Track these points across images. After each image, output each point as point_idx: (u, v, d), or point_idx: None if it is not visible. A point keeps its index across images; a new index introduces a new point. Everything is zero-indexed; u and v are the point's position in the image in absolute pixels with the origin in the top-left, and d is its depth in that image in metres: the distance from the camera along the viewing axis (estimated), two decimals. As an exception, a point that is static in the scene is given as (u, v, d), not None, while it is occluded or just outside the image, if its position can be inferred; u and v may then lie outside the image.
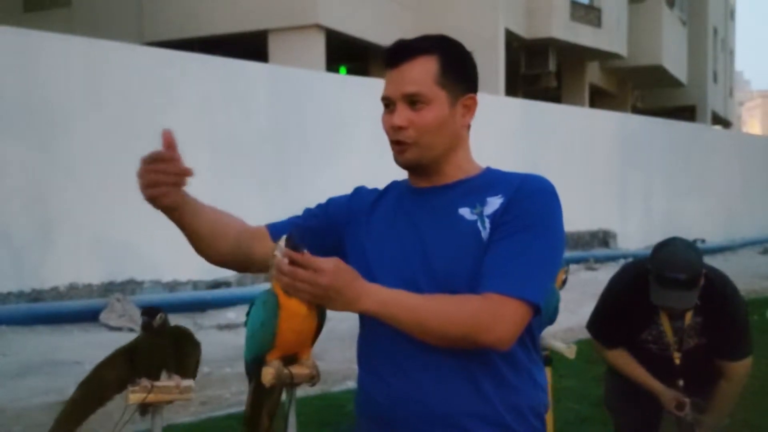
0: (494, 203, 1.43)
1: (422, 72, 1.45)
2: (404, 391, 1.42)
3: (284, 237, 1.37)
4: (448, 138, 1.48)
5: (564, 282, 2.61)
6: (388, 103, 1.47)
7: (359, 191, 1.65)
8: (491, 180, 1.49)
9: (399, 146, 1.47)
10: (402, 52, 1.46)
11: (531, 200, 1.42)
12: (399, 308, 1.34)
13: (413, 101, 1.45)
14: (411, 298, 1.35)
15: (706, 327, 2.60)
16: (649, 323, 2.62)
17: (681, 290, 2.42)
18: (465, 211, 1.45)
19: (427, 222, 1.47)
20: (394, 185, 1.63)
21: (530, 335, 1.46)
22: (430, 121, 1.45)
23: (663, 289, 2.43)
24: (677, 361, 2.66)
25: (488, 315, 1.34)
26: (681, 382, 2.69)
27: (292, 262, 1.31)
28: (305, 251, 1.32)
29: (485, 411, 1.40)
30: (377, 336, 1.46)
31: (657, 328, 2.63)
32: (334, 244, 1.56)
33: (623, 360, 2.73)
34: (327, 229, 1.59)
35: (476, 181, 1.50)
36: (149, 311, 1.61)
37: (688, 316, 2.59)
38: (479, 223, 1.42)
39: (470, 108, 1.51)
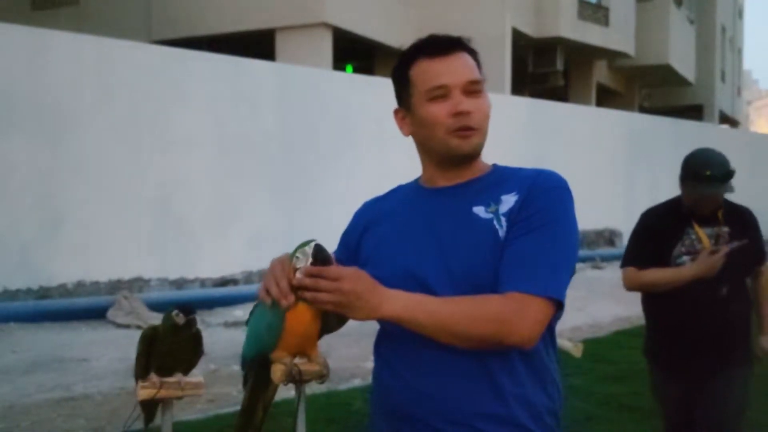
0: (509, 201, 1.43)
1: (472, 63, 1.48)
2: (421, 389, 1.42)
3: (312, 246, 1.39)
4: (488, 129, 1.51)
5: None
6: (443, 93, 1.44)
7: (359, 211, 1.66)
8: (502, 177, 1.49)
9: (466, 132, 1.44)
10: (451, 42, 1.48)
11: (546, 197, 1.42)
12: (422, 312, 1.34)
13: (474, 89, 1.46)
14: (433, 302, 1.35)
15: (735, 234, 2.90)
16: (681, 235, 2.88)
17: (717, 184, 2.81)
18: (479, 210, 1.44)
19: (444, 222, 1.46)
20: (399, 189, 1.63)
21: (549, 331, 1.46)
22: (488, 107, 1.49)
23: (700, 184, 2.82)
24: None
25: (512, 315, 1.33)
26: (724, 276, 2.83)
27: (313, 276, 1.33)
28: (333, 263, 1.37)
29: (501, 410, 1.40)
30: (396, 332, 1.46)
31: (689, 237, 2.88)
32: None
33: (655, 272, 2.90)
34: (353, 258, 1.59)
35: (488, 178, 1.50)
36: (184, 309, 1.63)
37: (720, 218, 2.90)
38: (495, 222, 1.42)
39: None
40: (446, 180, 1.51)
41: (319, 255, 1.37)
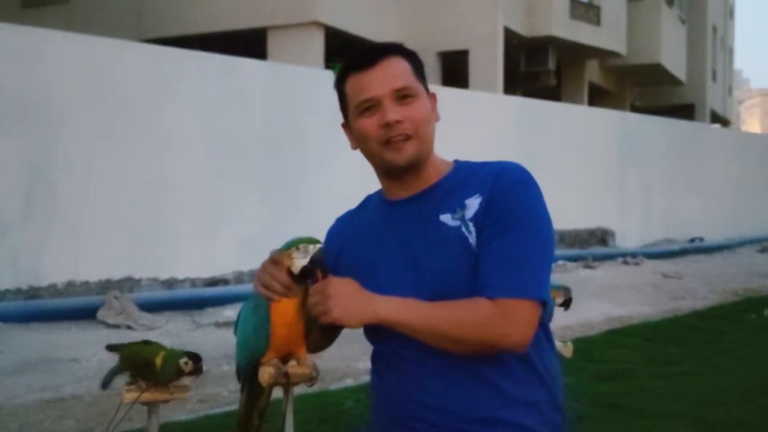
0: (474, 205, 1.41)
1: (401, 67, 1.45)
2: (421, 400, 1.41)
3: (316, 248, 1.41)
4: (432, 132, 1.48)
5: (569, 303, 2.57)
6: (371, 105, 1.43)
7: (332, 231, 1.63)
8: (465, 177, 1.46)
9: (397, 143, 1.41)
10: (373, 52, 1.45)
11: (511, 195, 1.40)
12: (414, 316, 1.34)
13: (403, 95, 1.42)
14: (425, 306, 1.35)
15: None
16: None
17: None
18: (446, 218, 1.42)
19: (414, 237, 1.44)
20: (368, 200, 1.61)
21: (542, 327, 1.46)
22: (423, 112, 1.44)
23: None
24: None
25: (503, 320, 1.33)
26: None
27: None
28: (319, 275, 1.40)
29: (503, 414, 1.39)
30: (390, 352, 1.46)
31: None
32: None
33: None
34: None
35: (451, 180, 1.47)
36: (194, 358, 1.63)
37: None
38: (464, 229, 1.40)
39: (435, 105, 1.51)
40: (406, 189, 1.48)
41: (316, 258, 1.40)
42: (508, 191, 1.40)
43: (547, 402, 1.44)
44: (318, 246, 1.41)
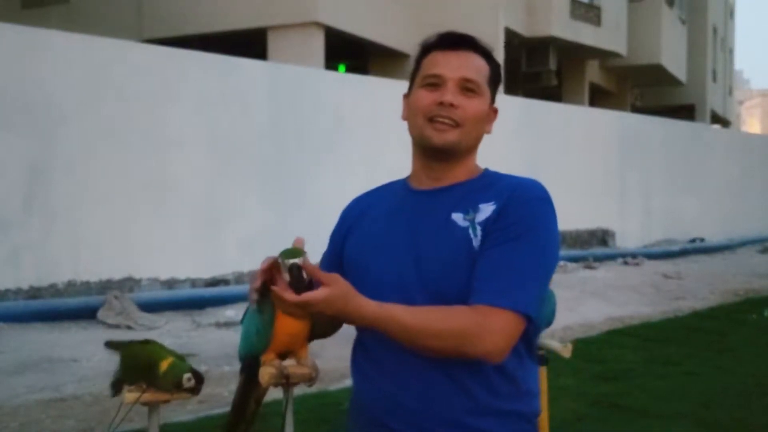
0: (486, 210, 1.42)
1: (480, 65, 1.49)
2: (398, 399, 1.42)
3: (289, 264, 1.35)
4: (478, 135, 1.51)
5: None
6: (436, 82, 1.46)
7: (346, 210, 1.66)
8: (487, 184, 1.48)
9: (443, 124, 1.45)
10: (464, 39, 1.50)
11: (524, 208, 1.41)
12: (390, 327, 1.34)
13: (469, 88, 1.46)
14: (403, 314, 1.33)
15: None
16: None
17: None
18: (458, 217, 1.43)
19: (423, 227, 1.46)
20: (390, 185, 1.63)
21: (525, 342, 1.44)
22: (478, 110, 1.47)
23: None
24: None
25: (477, 327, 1.32)
26: None
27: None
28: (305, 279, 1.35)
29: (475, 421, 1.39)
30: (372, 344, 1.48)
31: None
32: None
33: None
34: (339, 257, 1.59)
35: (474, 184, 1.49)
36: (198, 377, 1.64)
37: None
38: (471, 231, 1.41)
39: (492, 118, 1.54)
40: (431, 180, 1.51)
41: (292, 276, 1.34)
42: (521, 204, 1.41)
43: (519, 414, 1.44)
44: (292, 261, 1.34)
